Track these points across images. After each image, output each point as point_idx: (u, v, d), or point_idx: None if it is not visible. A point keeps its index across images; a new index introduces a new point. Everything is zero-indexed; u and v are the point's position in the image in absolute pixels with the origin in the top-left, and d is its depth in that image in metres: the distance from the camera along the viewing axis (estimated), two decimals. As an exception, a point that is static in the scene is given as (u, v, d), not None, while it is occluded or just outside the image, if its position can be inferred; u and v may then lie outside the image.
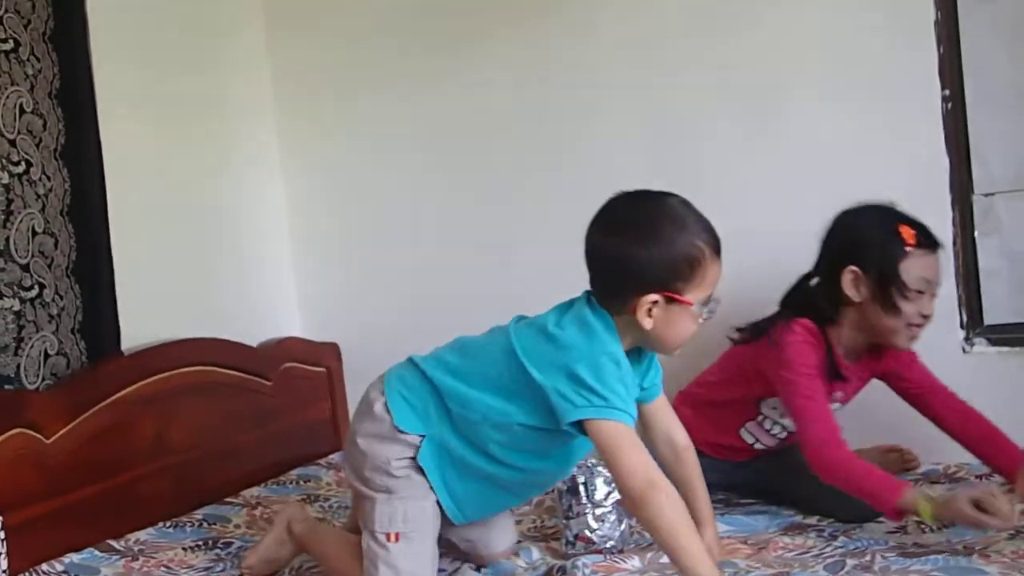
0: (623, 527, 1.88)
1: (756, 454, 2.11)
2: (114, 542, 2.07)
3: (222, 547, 2.07)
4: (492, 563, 1.83)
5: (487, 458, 1.64)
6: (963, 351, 2.26)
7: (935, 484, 2.08)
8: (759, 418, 2.07)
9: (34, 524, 1.98)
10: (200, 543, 2.09)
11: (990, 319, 2.28)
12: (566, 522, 1.89)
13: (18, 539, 1.84)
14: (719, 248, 1.56)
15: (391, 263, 2.85)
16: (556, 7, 2.60)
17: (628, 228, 1.56)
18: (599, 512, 1.87)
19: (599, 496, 1.87)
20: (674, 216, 1.55)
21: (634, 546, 1.87)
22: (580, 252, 1.61)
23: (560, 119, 2.61)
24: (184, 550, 2.06)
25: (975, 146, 2.26)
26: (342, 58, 2.86)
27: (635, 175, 1.77)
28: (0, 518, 1.77)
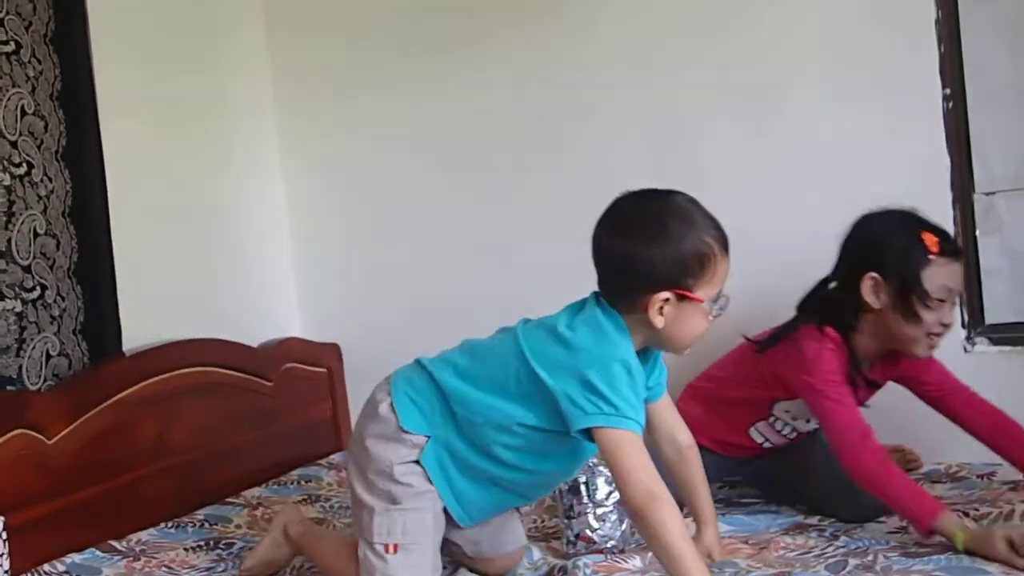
0: (624, 527, 1.88)
1: (762, 452, 2.10)
2: (116, 542, 2.07)
3: (223, 547, 2.07)
4: (505, 572, 1.80)
5: (493, 460, 1.63)
6: (964, 350, 2.26)
7: (936, 484, 2.08)
8: (771, 419, 2.05)
9: (36, 525, 1.98)
10: (201, 543, 2.09)
11: (991, 318, 2.28)
12: (567, 522, 1.89)
13: (20, 540, 1.84)
14: (727, 245, 1.56)
15: (391, 263, 2.85)
16: (556, 7, 2.60)
17: (637, 227, 1.55)
18: (600, 512, 1.87)
19: (600, 496, 1.87)
20: (682, 214, 1.55)
21: (635, 546, 1.87)
22: (580, 252, 1.61)
23: (560, 119, 2.61)
24: (186, 550, 2.06)
25: (976, 145, 2.26)
26: (342, 58, 2.86)
27: (635, 175, 1.76)
28: (2, 519, 1.77)
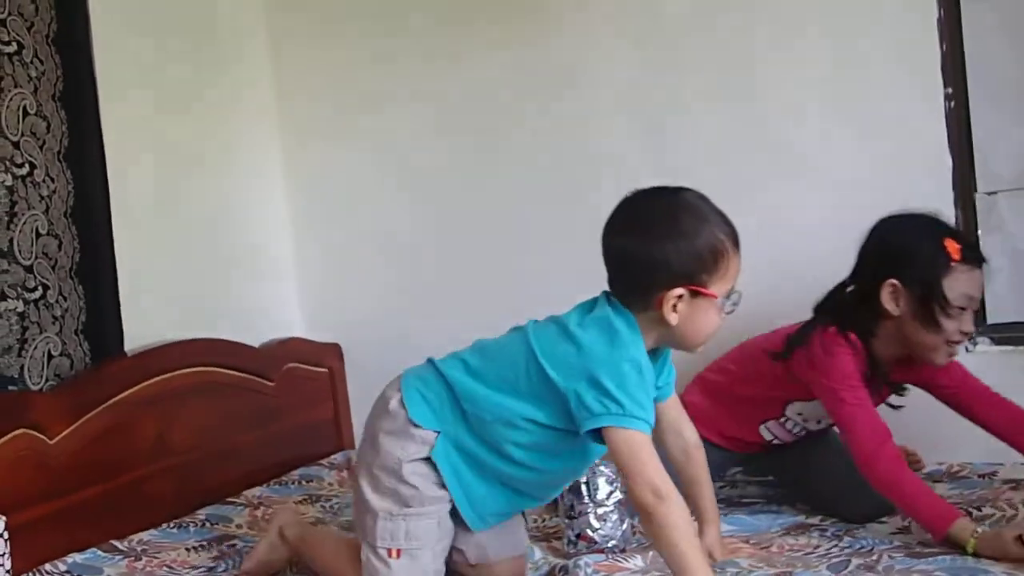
0: (625, 526, 1.88)
1: (769, 449, 2.09)
2: (117, 542, 2.08)
3: (225, 547, 2.07)
4: None
5: (503, 459, 1.62)
6: (966, 350, 2.23)
7: (937, 483, 2.08)
8: (782, 419, 2.03)
9: (37, 524, 1.98)
10: (203, 543, 2.10)
11: (993, 318, 2.27)
12: (568, 521, 1.89)
13: (21, 539, 1.84)
14: (738, 240, 1.55)
15: (393, 263, 2.85)
16: (556, 7, 2.59)
17: (649, 224, 1.54)
18: (601, 512, 1.87)
19: (601, 495, 1.87)
20: (694, 209, 1.54)
21: (636, 545, 1.87)
22: (581, 252, 1.61)
23: (560, 119, 2.61)
24: (187, 550, 2.06)
25: (978, 144, 2.25)
26: (343, 59, 2.86)
27: (635, 175, 1.76)
28: (3, 519, 1.77)
